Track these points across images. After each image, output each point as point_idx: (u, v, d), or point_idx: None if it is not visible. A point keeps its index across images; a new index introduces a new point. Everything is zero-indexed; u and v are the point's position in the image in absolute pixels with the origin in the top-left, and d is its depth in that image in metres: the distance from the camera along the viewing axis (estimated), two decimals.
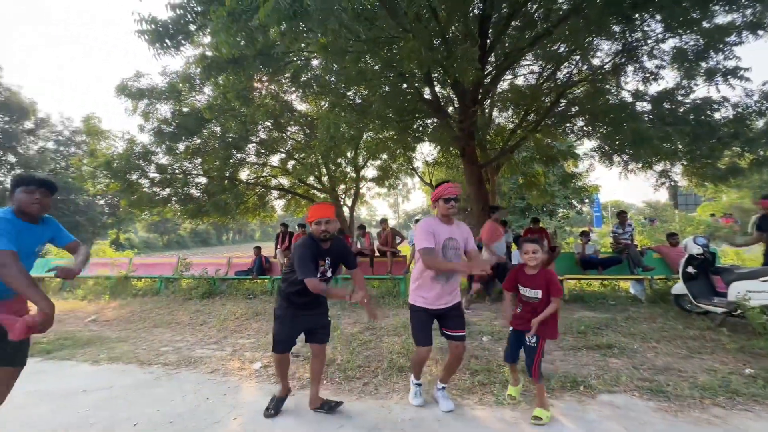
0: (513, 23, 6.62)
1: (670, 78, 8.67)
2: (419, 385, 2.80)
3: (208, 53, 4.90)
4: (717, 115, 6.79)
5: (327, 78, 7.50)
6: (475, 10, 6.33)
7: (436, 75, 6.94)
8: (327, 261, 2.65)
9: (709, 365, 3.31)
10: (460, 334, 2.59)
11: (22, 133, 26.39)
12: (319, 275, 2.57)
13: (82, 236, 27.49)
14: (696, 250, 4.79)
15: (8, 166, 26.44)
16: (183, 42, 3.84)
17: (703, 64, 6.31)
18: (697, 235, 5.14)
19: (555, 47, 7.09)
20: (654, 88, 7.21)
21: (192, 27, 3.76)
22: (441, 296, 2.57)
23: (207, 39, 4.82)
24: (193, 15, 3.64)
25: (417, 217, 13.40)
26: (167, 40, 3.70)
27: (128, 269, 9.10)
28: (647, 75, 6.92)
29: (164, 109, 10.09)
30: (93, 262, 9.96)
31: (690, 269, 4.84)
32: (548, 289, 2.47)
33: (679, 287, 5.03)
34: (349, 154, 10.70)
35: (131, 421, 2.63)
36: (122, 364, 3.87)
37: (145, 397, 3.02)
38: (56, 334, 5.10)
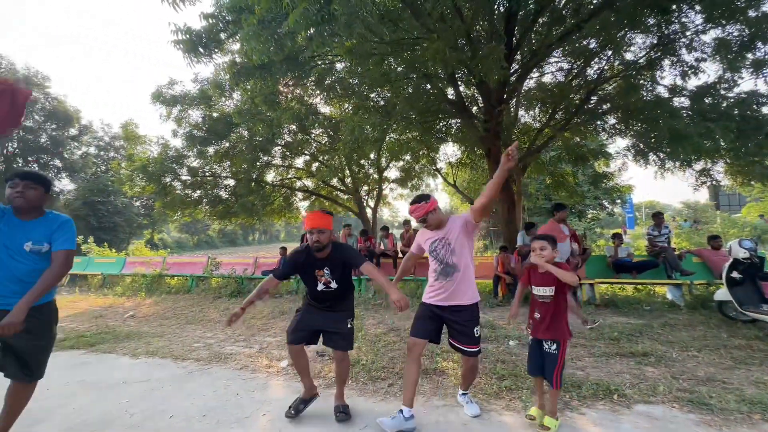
0: (540, 20, 6.45)
1: (711, 71, 8.19)
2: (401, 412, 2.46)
3: (238, 59, 5.08)
4: (765, 109, 6.35)
5: (351, 81, 7.58)
6: (501, 8, 6.22)
7: (460, 75, 6.87)
8: (326, 271, 2.56)
9: (758, 377, 3.09)
10: (465, 349, 2.50)
11: (67, 140, 28.21)
12: (322, 286, 2.59)
13: (120, 236, 29.09)
14: (742, 253, 4.49)
15: (55, 170, 28.34)
16: (215, 50, 4.01)
17: (749, 56, 5.91)
18: (743, 238, 4.81)
19: (585, 42, 6.85)
20: (693, 83, 6.84)
21: (223, 35, 3.92)
22: (437, 292, 2.54)
23: (237, 46, 4.99)
24: (225, 23, 3.80)
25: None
26: (201, 49, 3.87)
27: (162, 268, 9.54)
28: (686, 69, 6.56)
29: (196, 115, 10.56)
30: (130, 261, 10.53)
31: (735, 274, 4.55)
32: (558, 281, 2.32)
33: (722, 293, 4.73)
34: (372, 156, 10.76)
35: (167, 413, 2.75)
36: (158, 358, 4.06)
37: (180, 391, 3.15)
38: (98, 328, 5.43)
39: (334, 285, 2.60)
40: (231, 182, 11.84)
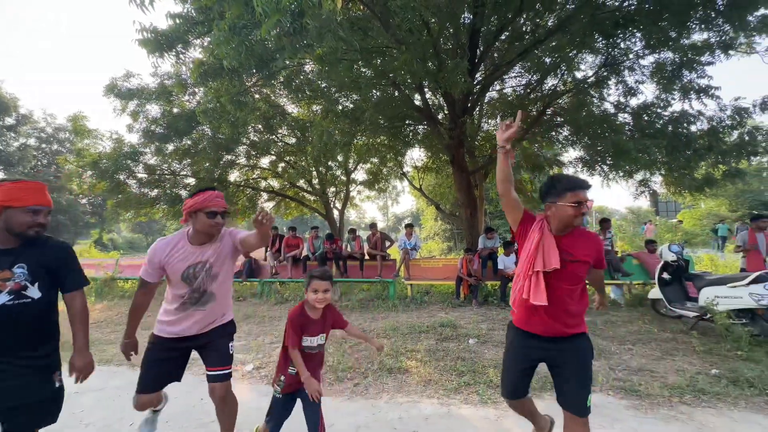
0: (502, 36, 6.86)
1: (649, 91, 9.14)
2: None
3: (204, 59, 4.98)
4: (693, 128, 7.15)
5: (320, 83, 7.62)
6: (466, 21, 6.56)
7: (427, 84, 7.14)
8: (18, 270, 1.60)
9: (679, 366, 3.53)
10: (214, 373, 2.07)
11: (2, 129, 25.68)
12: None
13: (64, 236, 26.87)
14: (671, 257, 5.05)
15: None
16: (182, 51, 3.91)
17: (678, 83, 6.66)
18: (671, 243, 5.42)
19: (542, 59, 7.38)
20: (635, 101, 7.55)
21: (190, 37, 3.84)
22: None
23: (205, 44, 4.89)
24: (192, 24, 3.73)
25: (406, 221, 13.57)
26: (167, 50, 3.77)
27: (115, 270, 9.00)
28: (628, 89, 7.25)
29: (154, 110, 10.06)
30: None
31: (665, 275, 5.11)
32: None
33: (655, 292, 5.29)
34: (339, 158, 10.81)
35: (126, 421, 2.69)
36: (114, 366, 3.90)
37: None
38: None
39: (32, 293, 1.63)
40: (192, 181, 11.38)
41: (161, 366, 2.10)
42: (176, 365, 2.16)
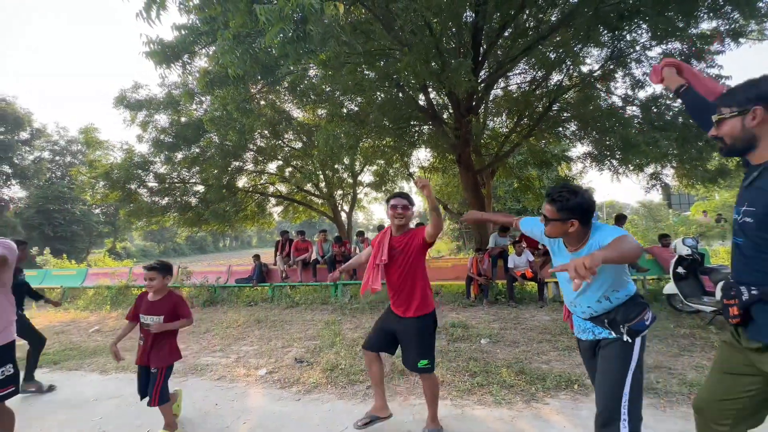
0: (505, 33, 6.82)
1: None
2: None
3: (210, 68, 5.05)
4: None
5: (324, 87, 7.67)
6: (468, 20, 6.54)
7: (430, 84, 7.13)
8: None
9: (698, 362, 3.46)
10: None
11: (18, 144, 26.33)
12: None
13: (78, 246, 27.44)
14: (685, 251, 4.95)
15: (4, 177, 26.37)
16: (188, 61, 3.98)
17: None
18: (685, 237, 5.31)
19: (546, 54, 7.31)
20: (643, 94, 7.44)
21: (196, 47, 3.90)
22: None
23: (210, 53, 4.96)
24: (197, 35, 3.79)
25: (415, 221, 13.59)
26: (173, 61, 3.84)
27: (128, 279, 9.15)
28: (635, 81, 7.14)
29: (163, 119, 10.23)
30: (92, 273, 10.03)
31: (680, 270, 5.00)
32: None
33: (670, 287, 5.19)
34: (346, 161, 10.86)
35: (143, 428, 2.73)
36: (131, 373, 3.95)
37: None
38: (62, 344, 5.18)
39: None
40: (201, 188, 11.54)
41: None
42: None
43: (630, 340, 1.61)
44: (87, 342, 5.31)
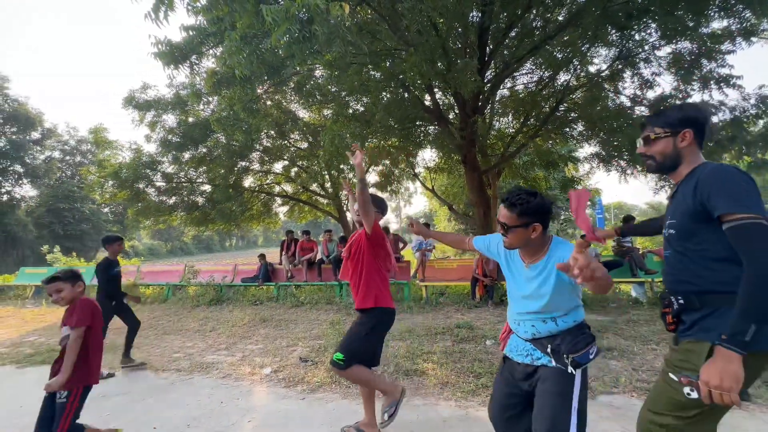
0: (511, 33, 6.78)
1: (666, 83, 8.84)
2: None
3: (217, 68, 5.10)
4: (714, 119, 6.90)
5: (330, 88, 7.68)
6: (474, 20, 6.51)
7: (436, 84, 7.11)
8: None
9: None
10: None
11: (29, 144, 26.79)
12: None
13: (88, 244, 27.82)
14: None
15: (16, 176, 26.84)
16: (196, 62, 4.02)
17: (697, 73, 6.45)
18: None
19: (553, 54, 7.25)
20: (651, 94, 7.34)
21: (203, 48, 3.94)
22: None
23: (218, 54, 5.01)
24: (205, 36, 3.83)
25: (420, 221, 13.54)
26: (181, 61, 3.88)
27: (136, 277, 9.26)
28: (644, 81, 7.06)
29: (170, 120, 10.34)
30: None
31: None
32: None
33: None
34: (351, 161, 10.87)
35: (151, 424, 2.76)
36: (137, 370, 4.00)
37: (162, 402, 3.15)
38: None
39: None
40: (208, 188, 11.64)
41: None
42: None
43: (573, 372, 1.51)
44: None
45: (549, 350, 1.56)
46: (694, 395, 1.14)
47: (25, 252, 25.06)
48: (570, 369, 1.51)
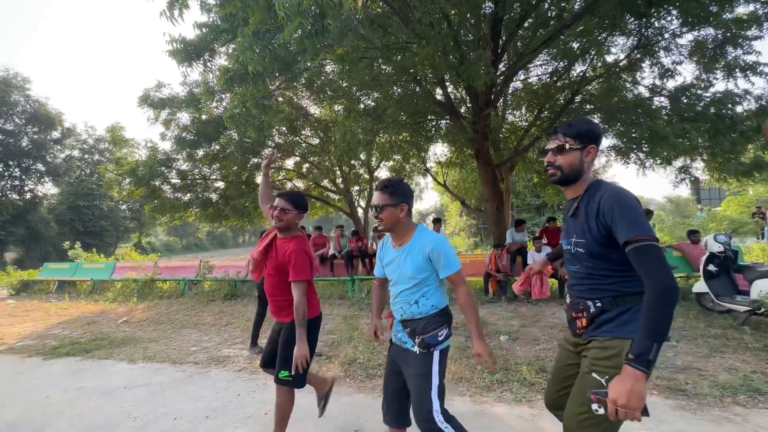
0: (525, 24, 6.63)
1: (688, 72, 8.47)
2: None
3: (230, 65, 5.13)
4: (739, 109, 6.64)
5: (341, 83, 7.66)
6: (487, 11, 6.38)
7: (448, 77, 7.02)
8: None
9: (731, 364, 3.30)
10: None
11: (50, 143, 27.57)
12: None
13: (106, 240, 28.58)
14: (717, 247, 4.73)
15: (38, 175, 27.69)
16: (209, 59, 4.05)
17: (721, 60, 6.20)
18: (717, 233, 5.07)
19: (569, 45, 7.07)
20: (672, 83, 7.10)
21: (216, 45, 3.97)
22: None
23: (230, 51, 5.05)
24: (218, 33, 3.85)
25: (431, 217, 13.42)
26: (195, 59, 3.92)
27: (153, 272, 9.47)
28: (664, 71, 6.82)
29: (184, 117, 10.48)
30: (120, 266, 10.44)
31: (711, 267, 4.79)
32: None
33: (700, 285, 4.98)
34: (362, 156, 10.87)
35: (170, 416, 2.82)
36: (156, 362, 4.10)
37: (181, 394, 3.22)
38: (92, 334, 5.42)
39: None
40: (221, 184, 11.80)
41: None
42: None
43: (418, 351, 1.70)
44: (116, 332, 5.53)
45: (410, 332, 1.75)
46: (601, 411, 1.20)
47: (48, 248, 25.89)
48: (417, 349, 1.70)
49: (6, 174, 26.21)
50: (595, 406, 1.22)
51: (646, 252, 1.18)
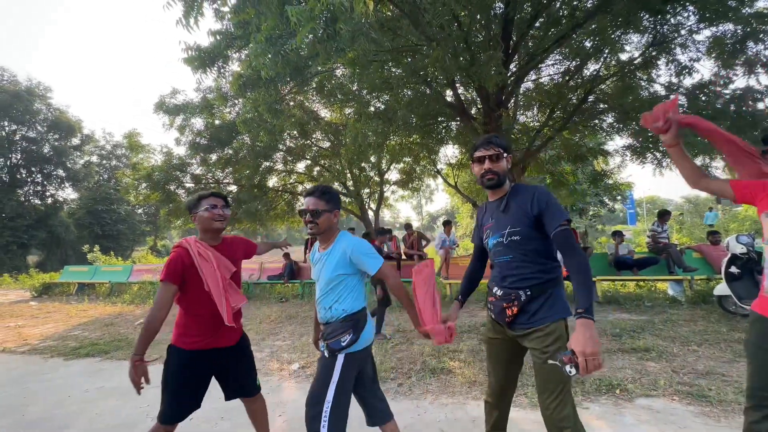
0: (537, 23, 6.57)
1: (705, 69, 8.25)
2: None
3: (243, 71, 5.23)
4: (761, 105, 6.44)
5: (351, 86, 7.70)
6: (497, 11, 6.34)
7: (459, 78, 6.99)
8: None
9: None
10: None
11: (70, 149, 28.45)
12: None
13: (123, 244, 29.25)
14: (739, 249, 4.59)
15: (58, 180, 28.57)
16: (223, 66, 4.13)
17: (741, 57, 6.03)
18: (739, 233, 4.92)
19: (582, 43, 6.96)
20: (689, 81, 6.92)
21: (230, 51, 4.05)
22: None
23: (243, 57, 5.14)
24: (232, 39, 3.93)
25: (442, 219, 13.39)
26: (209, 65, 4.00)
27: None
28: (681, 68, 6.67)
29: (198, 123, 10.70)
30: (137, 269, 10.68)
31: (733, 269, 4.64)
32: None
33: (722, 288, 4.83)
34: (373, 159, 10.89)
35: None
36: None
37: None
38: (111, 335, 5.55)
39: None
40: (234, 188, 11.97)
41: None
42: None
43: (327, 356, 1.74)
44: (134, 334, 5.65)
45: (322, 336, 1.81)
46: (573, 371, 1.29)
47: (68, 251, 26.65)
48: (326, 353, 1.74)
49: (29, 180, 27.15)
50: (567, 368, 1.30)
51: (569, 233, 1.49)
